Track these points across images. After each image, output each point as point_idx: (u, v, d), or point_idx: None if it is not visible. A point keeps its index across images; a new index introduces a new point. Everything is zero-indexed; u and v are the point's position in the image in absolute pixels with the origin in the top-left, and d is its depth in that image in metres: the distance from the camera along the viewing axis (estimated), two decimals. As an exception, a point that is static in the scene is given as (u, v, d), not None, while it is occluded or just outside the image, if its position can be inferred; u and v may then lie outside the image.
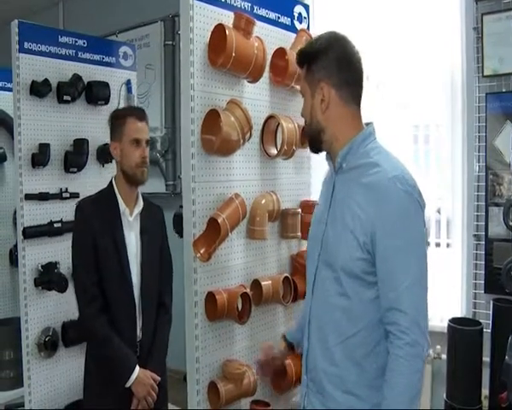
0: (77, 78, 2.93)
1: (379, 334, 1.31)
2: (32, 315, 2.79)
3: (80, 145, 2.95)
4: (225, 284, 2.08)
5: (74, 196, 2.92)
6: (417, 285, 1.26)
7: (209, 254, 1.93)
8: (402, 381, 1.24)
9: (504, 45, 2.70)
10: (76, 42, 2.99)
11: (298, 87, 2.39)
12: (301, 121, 2.42)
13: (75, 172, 2.95)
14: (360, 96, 1.42)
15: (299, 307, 2.47)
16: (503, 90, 2.73)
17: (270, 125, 2.31)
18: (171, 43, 4.37)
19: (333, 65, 1.36)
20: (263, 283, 2.16)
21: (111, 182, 2.03)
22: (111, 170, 3.16)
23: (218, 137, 1.92)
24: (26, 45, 2.76)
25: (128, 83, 3.32)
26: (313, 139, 1.44)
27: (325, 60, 1.37)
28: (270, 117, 2.29)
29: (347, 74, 1.38)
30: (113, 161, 3.17)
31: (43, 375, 2.83)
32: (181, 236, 2.11)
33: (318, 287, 1.41)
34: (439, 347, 2.80)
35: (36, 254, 2.80)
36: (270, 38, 2.32)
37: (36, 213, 2.79)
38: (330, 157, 1.44)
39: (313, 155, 2.89)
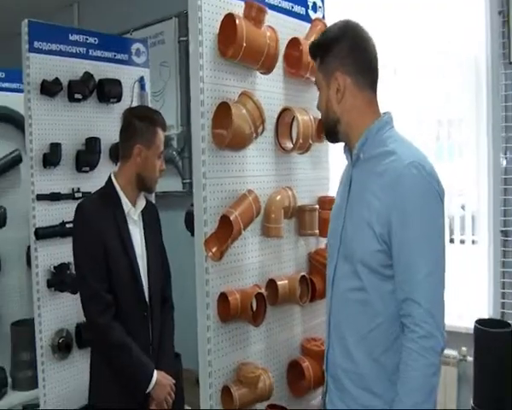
0: (88, 76, 2.89)
1: (398, 328, 1.28)
2: (46, 316, 2.76)
3: (92, 144, 2.91)
4: (239, 285, 1.99)
5: (87, 195, 2.87)
6: (433, 276, 1.22)
7: (221, 253, 1.85)
8: (415, 376, 1.20)
9: (532, 29, 2.56)
10: (87, 39, 2.95)
11: (313, 78, 2.30)
12: (317, 114, 2.34)
13: (87, 172, 2.91)
14: (376, 82, 1.39)
15: (317, 307, 2.38)
16: (532, 77, 2.58)
17: (285, 118, 2.22)
18: (185, 39, 4.29)
19: (347, 52, 1.34)
20: (279, 282, 2.07)
21: (111, 180, 1.94)
22: (124, 169, 3.12)
23: (229, 131, 1.84)
24: (36, 44, 2.72)
25: (141, 80, 3.27)
26: (329, 130, 1.44)
27: (338, 49, 1.35)
28: (285, 109, 2.20)
29: (362, 60, 1.36)
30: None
31: (57, 376, 2.80)
32: (193, 234, 2.03)
33: (338, 283, 1.39)
34: (464, 348, 2.66)
35: (48, 255, 2.76)
36: (283, 28, 2.23)
37: (48, 214, 2.76)
38: (348, 149, 1.42)
39: (332, 150, 2.82)
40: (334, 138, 1.45)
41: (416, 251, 1.21)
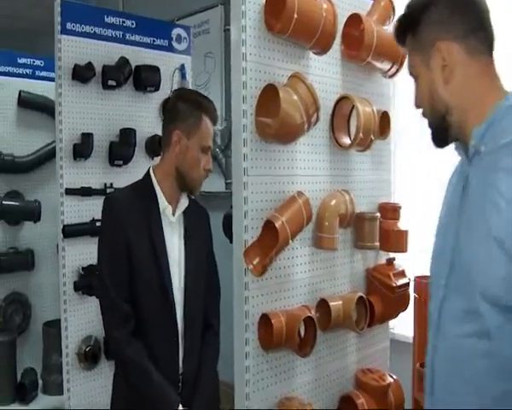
0: (123, 61, 2.65)
1: None
2: (73, 322, 2.54)
3: (127, 135, 2.67)
4: (284, 304, 1.68)
5: (120, 192, 2.64)
6: None
7: (263, 267, 1.54)
8: None
9: None
10: (124, 22, 2.72)
11: (376, 63, 1.96)
12: (380, 106, 2.00)
13: (121, 166, 2.68)
14: (493, 45, 1.02)
15: (375, 331, 2.03)
16: None
17: (343, 109, 1.88)
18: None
19: (448, 13, 1.01)
20: (331, 303, 1.74)
21: (148, 173, 1.62)
22: (161, 164, 2.87)
23: (276, 120, 1.52)
24: (69, 26, 2.52)
25: (182, 68, 3.01)
26: (438, 127, 1.07)
27: (436, 11, 1.02)
28: (343, 98, 1.86)
29: (471, 18, 1.01)
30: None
31: (83, 387, 2.59)
32: (232, 241, 1.73)
33: (446, 323, 1.02)
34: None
35: (77, 256, 2.55)
36: (342, 2, 1.90)
37: (77, 210, 2.54)
38: (461, 144, 1.06)
39: (395, 149, 2.45)
40: (444, 138, 1.08)
41: None
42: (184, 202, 1.63)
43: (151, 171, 1.63)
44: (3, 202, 3.22)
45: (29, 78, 3.55)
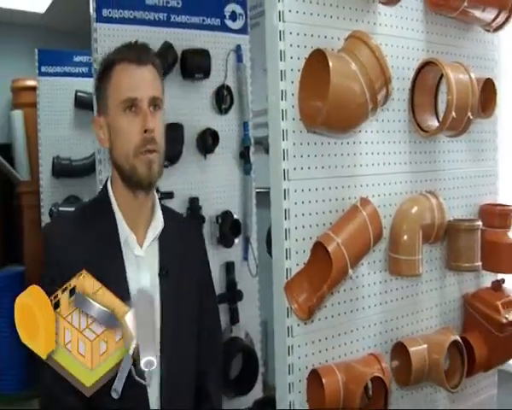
0: (167, 46, 2.32)
1: None
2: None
3: (173, 131, 2.34)
4: (345, 352, 1.23)
5: (168, 196, 2.33)
6: None
7: (310, 309, 1.10)
8: None
9: None
10: (168, 3, 2.40)
11: (474, 12, 1.43)
12: (481, 72, 1.47)
13: (167, 167, 2.35)
14: None
15: (476, 379, 1.52)
16: None
17: (427, 78, 1.39)
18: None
19: None
20: (412, 349, 1.26)
21: (106, 187, 1.13)
22: (216, 162, 2.53)
23: (326, 101, 1.08)
24: (105, 13, 2.24)
25: (238, 50, 2.63)
26: None
27: None
28: (427, 64, 1.36)
29: None
30: (217, 150, 2.60)
31: None
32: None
33: None
34: None
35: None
36: None
37: (119, 219, 2.28)
38: None
39: (503, 130, 1.87)
40: None
41: None
42: (156, 225, 1.12)
43: (109, 183, 1.13)
44: (60, 209, 3.12)
45: (86, 76, 3.41)
